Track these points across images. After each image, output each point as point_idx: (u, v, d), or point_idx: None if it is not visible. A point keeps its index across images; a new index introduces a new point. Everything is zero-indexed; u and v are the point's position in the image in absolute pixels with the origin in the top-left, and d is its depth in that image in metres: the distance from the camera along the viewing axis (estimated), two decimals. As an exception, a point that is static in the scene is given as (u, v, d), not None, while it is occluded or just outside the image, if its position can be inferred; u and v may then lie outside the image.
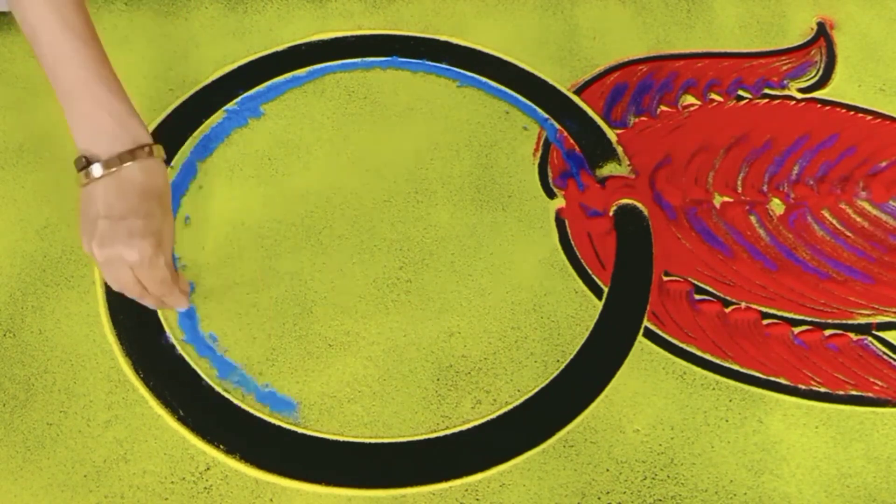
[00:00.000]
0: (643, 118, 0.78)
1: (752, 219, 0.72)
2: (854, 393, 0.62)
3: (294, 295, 0.65)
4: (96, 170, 0.53)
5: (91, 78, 0.53)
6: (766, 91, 0.81)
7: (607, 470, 0.58)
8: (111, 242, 0.53)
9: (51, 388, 0.60)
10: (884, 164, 0.76)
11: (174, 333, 0.63)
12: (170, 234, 0.57)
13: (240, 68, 0.79)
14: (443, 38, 0.83)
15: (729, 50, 0.85)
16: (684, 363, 0.63)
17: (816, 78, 0.83)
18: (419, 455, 0.58)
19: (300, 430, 0.59)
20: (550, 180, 0.73)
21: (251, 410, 0.59)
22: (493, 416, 0.60)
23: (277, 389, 0.61)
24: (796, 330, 0.66)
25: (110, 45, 0.81)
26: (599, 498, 0.57)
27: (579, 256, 0.68)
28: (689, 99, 0.80)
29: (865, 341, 0.65)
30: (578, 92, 0.80)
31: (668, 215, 0.72)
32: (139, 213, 0.54)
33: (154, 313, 0.64)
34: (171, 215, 0.57)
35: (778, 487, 0.57)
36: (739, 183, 0.74)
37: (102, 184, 0.53)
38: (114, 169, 0.53)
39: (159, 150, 0.56)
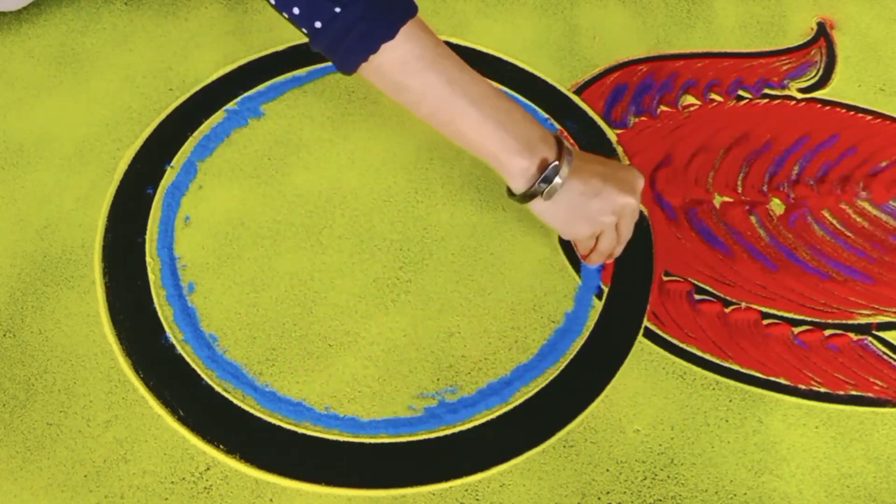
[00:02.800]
0: (643, 118, 0.78)
1: (752, 219, 0.72)
2: (854, 393, 0.62)
3: (294, 295, 0.65)
4: (565, 168, 0.56)
5: (508, 102, 0.56)
6: (766, 91, 0.81)
7: (607, 470, 0.58)
8: (632, 183, 0.60)
9: (51, 388, 0.60)
10: (884, 164, 0.76)
11: (174, 333, 0.63)
12: None
13: (240, 68, 0.79)
14: (443, 38, 0.83)
15: (729, 50, 0.85)
16: (684, 363, 0.63)
17: (816, 78, 0.83)
18: (419, 455, 0.58)
19: (300, 430, 0.59)
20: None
21: (251, 410, 0.59)
22: (493, 416, 0.60)
23: (278, 389, 0.61)
24: (796, 330, 0.66)
25: (110, 45, 0.81)
26: (599, 498, 0.57)
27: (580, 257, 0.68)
28: (689, 99, 0.80)
29: (865, 341, 0.65)
30: (578, 92, 0.80)
31: (668, 215, 0.72)
32: (602, 160, 0.61)
33: (154, 313, 0.64)
34: None
35: (778, 487, 0.57)
36: (739, 183, 0.74)
37: (575, 170, 0.57)
38: (567, 161, 0.57)
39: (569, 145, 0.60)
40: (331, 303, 0.65)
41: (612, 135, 0.77)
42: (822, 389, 0.62)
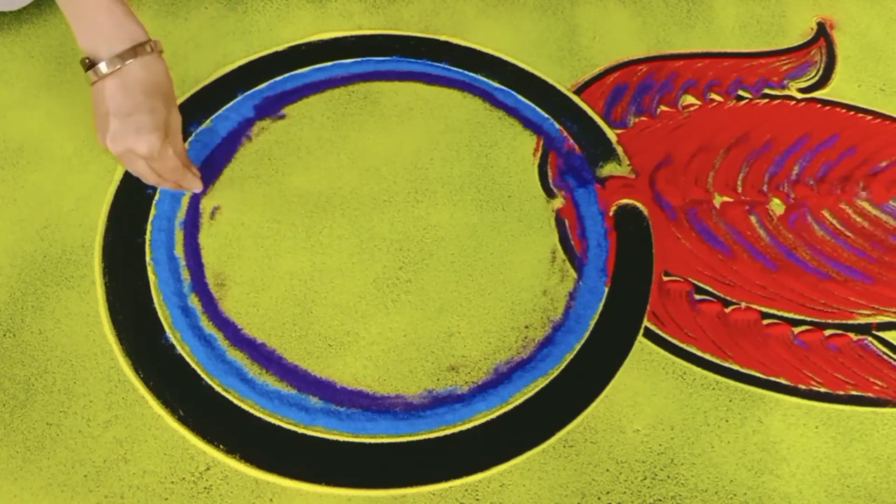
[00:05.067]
0: (643, 118, 0.78)
1: (752, 219, 0.72)
2: (854, 393, 0.62)
3: (294, 295, 0.65)
4: (102, 68, 0.57)
5: None
6: (766, 91, 0.81)
7: (607, 470, 0.58)
8: (122, 138, 0.59)
9: (51, 388, 0.60)
10: (884, 164, 0.76)
11: (174, 333, 0.63)
12: (177, 125, 0.62)
13: (240, 68, 0.79)
14: (443, 38, 0.83)
15: (729, 50, 0.85)
16: (684, 363, 0.63)
17: (816, 78, 0.83)
18: (419, 455, 0.58)
19: (300, 431, 0.59)
20: (550, 180, 0.73)
21: (251, 410, 0.60)
22: (493, 416, 0.60)
23: (278, 389, 0.61)
24: (796, 330, 0.66)
25: (110, 45, 0.81)
26: (599, 498, 0.57)
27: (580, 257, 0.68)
28: (689, 99, 0.80)
29: (865, 341, 0.65)
30: (578, 92, 0.80)
31: (668, 215, 0.72)
32: (144, 109, 0.59)
33: (154, 313, 0.64)
34: (176, 108, 0.62)
35: (778, 487, 0.57)
36: (739, 183, 0.74)
37: (109, 82, 0.58)
38: (118, 66, 0.57)
39: (157, 45, 0.60)
40: (331, 303, 0.65)
41: (612, 135, 0.77)
42: (822, 389, 0.62)
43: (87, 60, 0.58)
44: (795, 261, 0.69)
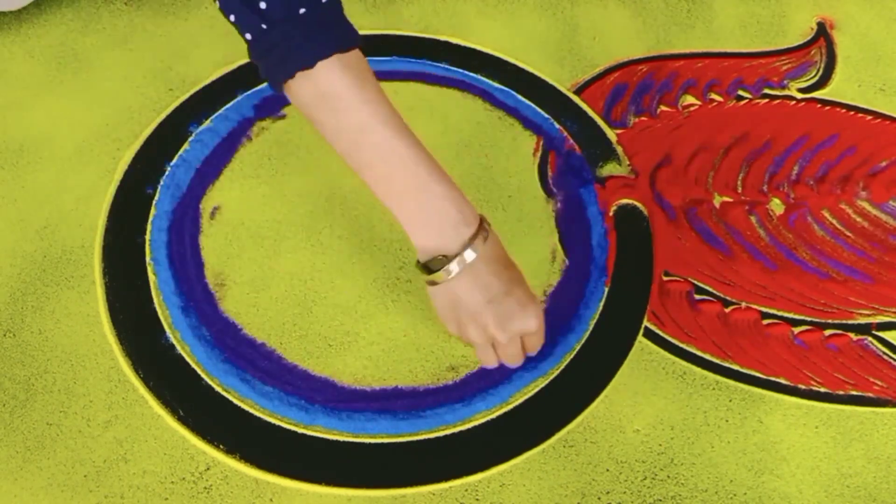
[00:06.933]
0: (643, 118, 0.78)
1: (752, 219, 0.72)
2: (854, 393, 0.62)
3: (294, 295, 0.65)
4: (455, 266, 0.52)
5: (427, 174, 0.51)
6: (766, 91, 0.81)
7: (607, 470, 0.58)
8: (510, 320, 0.54)
9: (51, 388, 0.60)
10: (884, 164, 0.76)
11: (174, 333, 0.63)
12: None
13: (240, 68, 0.79)
14: (443, 38, 0.83)
15: (729, 50, 0.85)
16: (684, 363, 0.63)
17: (816, 78, 0.83)
18: (419, 455, 0.58)
19: (300, 431, 0.59)
20: (550, 180, 0.73)
21: (251, 410, 0.59)
22: (493, 416, 0.60)
23: (278, 389, 0.61)
24: (796, 330, 0.66)
25: (110, 46, 0.81)
26: (599, 498, 0.57)
27: (579, 256, 0.68)
28: (689, 99, 0.80)
29: (865, 341, 0.65)
30: (578, 92, 0.80)
31: (668, 215, 0.72)
32: (514, 282, 0.54)
33: (154, 313, 0.64)
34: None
35: (778, 487, 0.57)
36: (739, 183, 0.74)
37: (466, 274, 0.52)
38: (474, 256, 0.52)
39: (483, 217, 0.54)
40: (331, 303, 0.65)
41: (612, 135, 0.77)
42: (822, 389, 0.62)
43: (426, 264, 0.52)
44: (795, 261, 0.69)
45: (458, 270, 0.52)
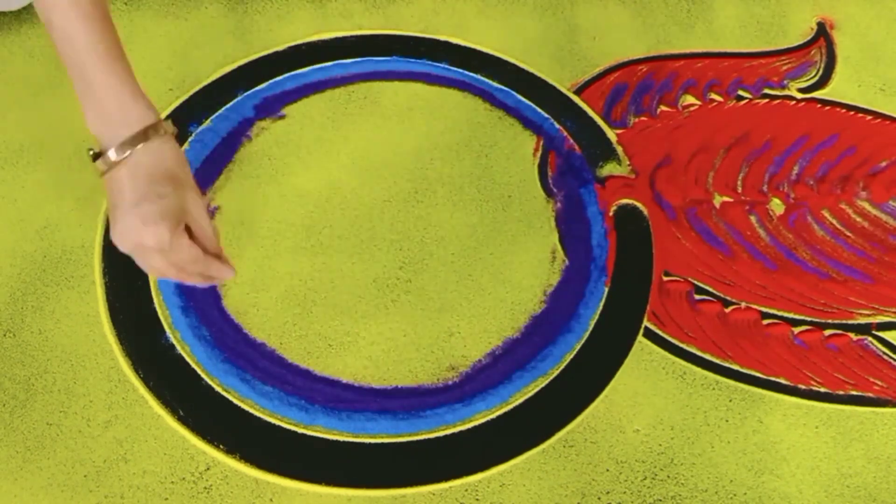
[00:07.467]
0: (643, 118, 0.78)
1: (752, 219, 0.72)
2: (854, 393, 0.62)
3: (294, 295, 0.65)
4: (112, 156, 0.52)
5: (96, 60, 0.52)
6: (766, 91, 0.81)
7: (607, 470, 0.58)
8: (127, 233, 0.52)
9: (51, 388, 0.60)
10: (884, 164, 0.76)
11: (174, 333, 0.63)
12: (196, 210, 0.54)
13: (240, 68, 0.79)
14: (443, 38, 0.83)
15: (729, 50, 0.85)
16: (684, 363, 0.63)
17: (816, 78, 0.83)
18: (419, 455, 0.58)
19: (300, 430, 0.59)
20: (550, 180, 0.73)
21: (251, 410, 0.59)
22: (493, 416, 0.60)
23: (278, 389, 0.61)
24: (796, 330, 0.66)
25: (110, 45, 0.81)
26: (599, 498, 0.57)
27: (579, 256, 0.68)
28: (689, 99, 0.80)
29: (865, 341, 0.65)
30: (578, 92, 0.80)
31: (668, 215, 0.72)
32: (150, 197, 0.52)
33: (154, 313, 0.64)
34: (190, 190, 0.54)
35: (778, 487, 0.57)
36: (739, 183, 0.74)
37: (121, 172, 0.52)
38: (126, 154, 0.52)
39: (167, 127, 0.54)
40: (331, 303, 0.65)
41: (612, 134, 0.77)
42: (822, 389, 0.62)
43: (93, 151, 0.53)
44: (795, 261, 0.69)
45: (109, 166, 0.52)
